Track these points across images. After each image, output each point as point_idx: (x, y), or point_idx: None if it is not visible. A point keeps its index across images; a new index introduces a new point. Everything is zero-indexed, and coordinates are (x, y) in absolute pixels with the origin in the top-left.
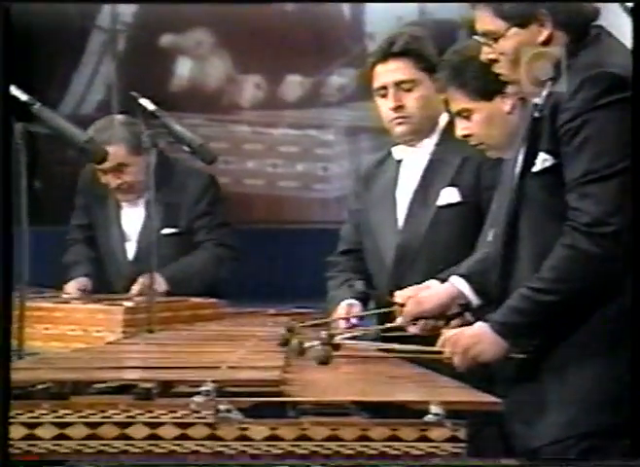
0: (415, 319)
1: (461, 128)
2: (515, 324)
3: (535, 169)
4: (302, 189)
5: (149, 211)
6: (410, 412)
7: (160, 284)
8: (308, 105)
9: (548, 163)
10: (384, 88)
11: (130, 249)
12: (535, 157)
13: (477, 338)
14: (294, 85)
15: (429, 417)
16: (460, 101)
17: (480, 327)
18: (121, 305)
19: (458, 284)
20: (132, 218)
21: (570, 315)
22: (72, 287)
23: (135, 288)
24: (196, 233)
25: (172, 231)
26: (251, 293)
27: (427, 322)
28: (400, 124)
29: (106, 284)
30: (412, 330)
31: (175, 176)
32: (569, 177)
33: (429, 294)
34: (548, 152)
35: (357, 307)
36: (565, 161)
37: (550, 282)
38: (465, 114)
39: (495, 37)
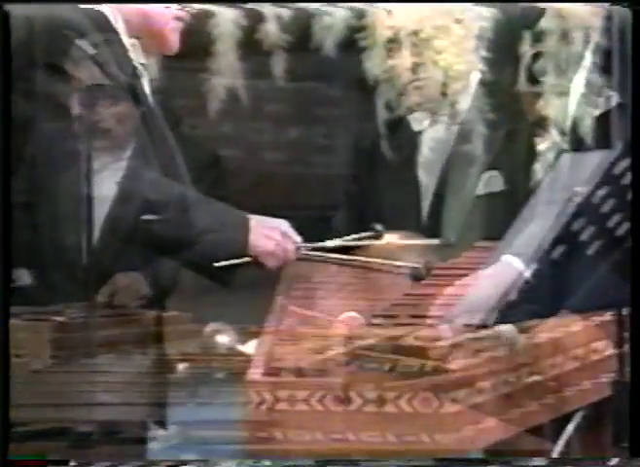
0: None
1: None
2: None
3: (596, 112)
4: (296, 162)
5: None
6: (441, 457)
7: (142, 285)
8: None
9: (614, 102)
10: (395, 41)
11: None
12: (599, 96)
13: None
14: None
15: None
16: None
17: None
18: (49, 320)
19: (514, 263)
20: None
21: None
22: None
23: (105, 291)
24: None
25: (156, 217)
26: None
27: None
28: (419, 87)
29: (52, 292)
30: (462, 321)
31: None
32: None
33: (483, 277)
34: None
35: None
36: None
37: None
38: None
39: None
